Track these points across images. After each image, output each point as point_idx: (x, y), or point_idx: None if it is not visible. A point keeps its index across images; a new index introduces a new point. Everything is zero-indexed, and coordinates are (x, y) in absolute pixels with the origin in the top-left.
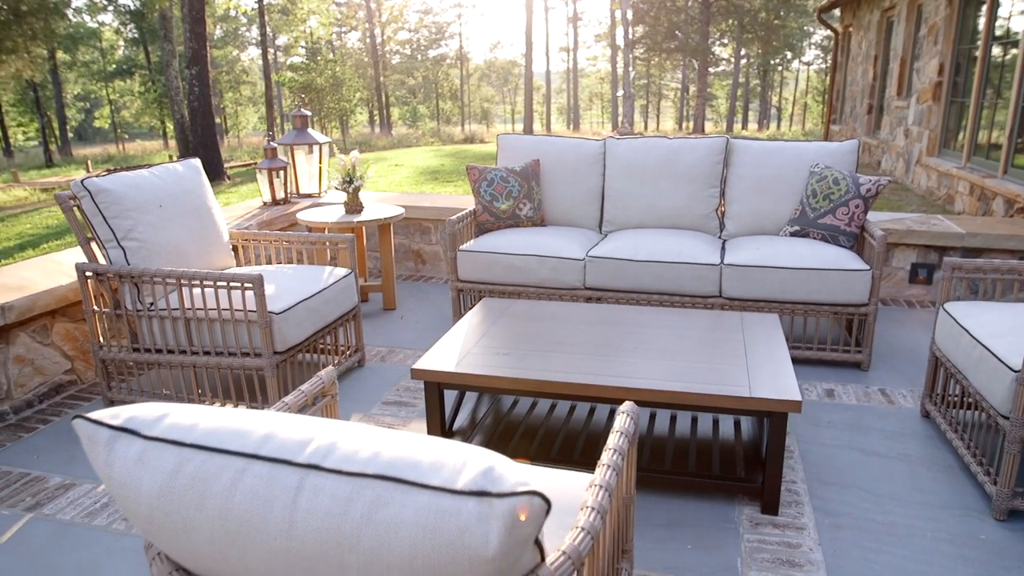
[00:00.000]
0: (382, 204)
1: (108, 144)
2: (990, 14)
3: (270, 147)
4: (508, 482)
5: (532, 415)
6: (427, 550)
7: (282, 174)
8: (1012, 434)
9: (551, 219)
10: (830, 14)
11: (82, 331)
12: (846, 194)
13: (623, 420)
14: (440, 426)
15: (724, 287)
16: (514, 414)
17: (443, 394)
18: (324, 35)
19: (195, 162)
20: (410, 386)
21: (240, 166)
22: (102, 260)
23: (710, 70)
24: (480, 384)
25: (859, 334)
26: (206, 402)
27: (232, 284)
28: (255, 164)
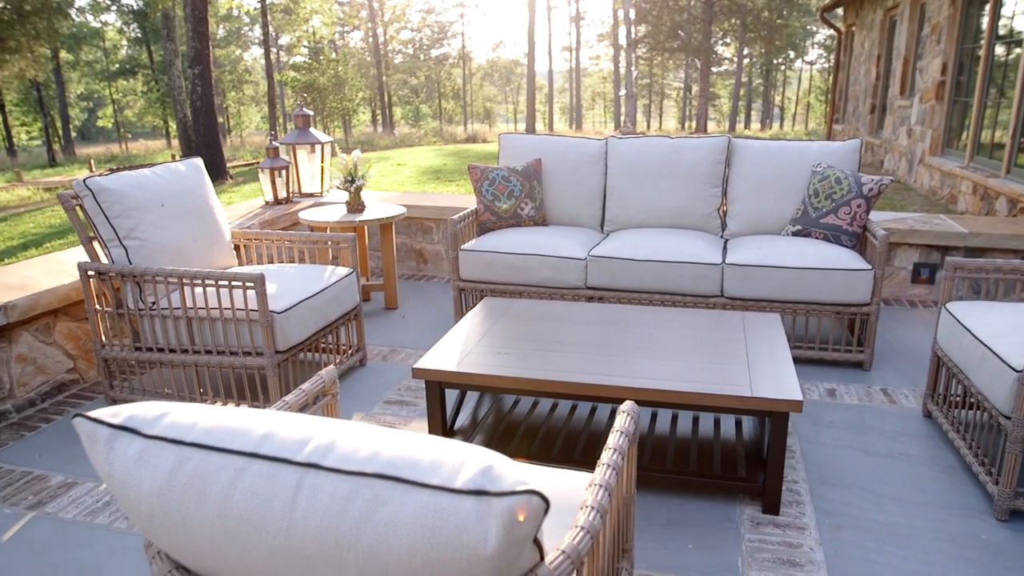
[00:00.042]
0: (384, 203)
1: (111, 143)
2: (993, 13)
3: (272, 146)
4: (507, 481)
5: (533, 415)
6: (426, 549)
7: (284, 173)
8: (1014, 434)
9: (553, 218)
10: (833, 13)
11: (84, 330)
12: (848, 194)
13: (623, 419)
14: (441, 425)
15: (726, 287)
16: (515, 414)
17: (444, 393)
18: (327, 34)
19: (197, 161)
20: (411, 385)
21: (242, 165)
22: (104, 259)
23: (713, 69)
24: (481, 383)
25: (861, 334)
26: (208, 401)
27: (234, 283)
28: (257, 163)
